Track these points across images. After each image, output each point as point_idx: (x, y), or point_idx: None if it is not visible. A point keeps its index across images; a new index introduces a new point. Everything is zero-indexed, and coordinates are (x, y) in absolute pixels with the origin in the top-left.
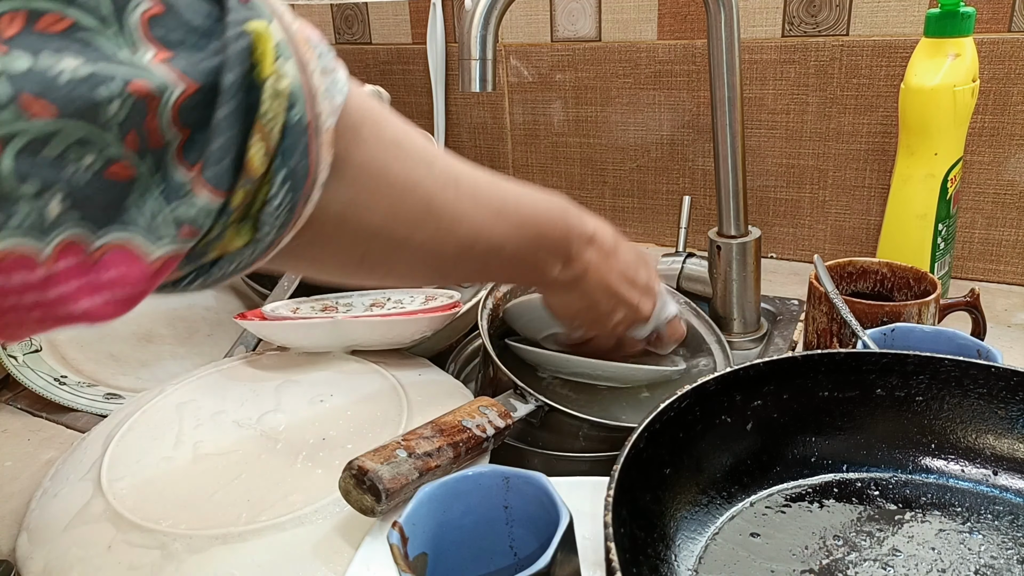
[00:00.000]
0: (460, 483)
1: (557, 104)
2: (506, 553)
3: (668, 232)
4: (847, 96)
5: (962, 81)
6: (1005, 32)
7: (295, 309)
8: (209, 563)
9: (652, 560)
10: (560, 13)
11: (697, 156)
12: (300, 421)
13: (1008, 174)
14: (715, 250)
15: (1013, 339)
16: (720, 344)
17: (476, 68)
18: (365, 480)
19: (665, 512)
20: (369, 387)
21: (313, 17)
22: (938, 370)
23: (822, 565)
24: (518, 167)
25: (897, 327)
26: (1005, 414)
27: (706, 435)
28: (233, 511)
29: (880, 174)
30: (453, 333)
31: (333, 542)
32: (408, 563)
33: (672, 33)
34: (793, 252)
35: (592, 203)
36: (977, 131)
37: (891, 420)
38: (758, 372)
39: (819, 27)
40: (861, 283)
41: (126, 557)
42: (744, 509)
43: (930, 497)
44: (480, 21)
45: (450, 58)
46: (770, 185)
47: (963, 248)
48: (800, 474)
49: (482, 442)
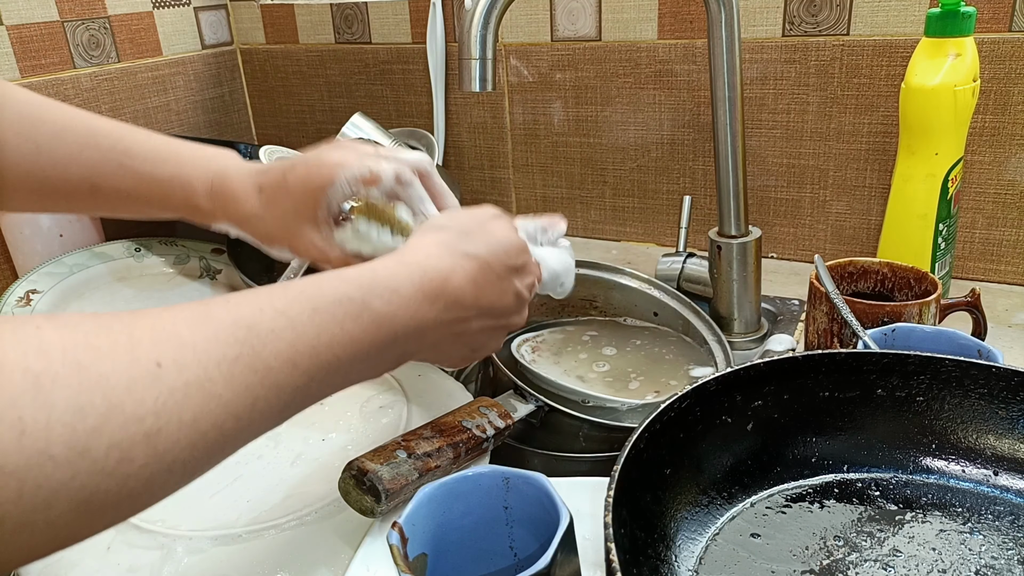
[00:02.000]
0: (460, 483)
1: (557, 104)
2: (506, 554)
3: (668, 232)
4: (847, 96)
5: (963, 81)
6: (1005, 32)
7: None
8: (209, 564)
9: (652, 560)
10: (560, 13)
11: (697, 156)
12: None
13: (1009, 174)
14: (715, 250)
15: (1014, 339)
16: (720, 344)
17: (476, 68)
18: (365, 481)
19: (665, 512)
20: (369, 387)
21: (313, 17)
22: (939, 370)
23: (822, 565)
24: (518, 167)
25: (898, 327)
26: (1006, 414)
27: (706, 435)
28: (233, 512)
29: (881, 174)
30: None
31: (333, 542)
32: (408, 563)
33: (672, 33)
34: (793, 252)
35: (592, 203)
36: (978, 131)
37: (892, 420)
38: (758, 372)
39: (819, 27)
40: (862, 283)
41: (125, 558)
42: (744, 509)
43: (931, 497)
44: (480, 21)
45: (450, 58)
46: (770, 185)
47: (964, 248)
48: (800, 474)
49: (482, 442)
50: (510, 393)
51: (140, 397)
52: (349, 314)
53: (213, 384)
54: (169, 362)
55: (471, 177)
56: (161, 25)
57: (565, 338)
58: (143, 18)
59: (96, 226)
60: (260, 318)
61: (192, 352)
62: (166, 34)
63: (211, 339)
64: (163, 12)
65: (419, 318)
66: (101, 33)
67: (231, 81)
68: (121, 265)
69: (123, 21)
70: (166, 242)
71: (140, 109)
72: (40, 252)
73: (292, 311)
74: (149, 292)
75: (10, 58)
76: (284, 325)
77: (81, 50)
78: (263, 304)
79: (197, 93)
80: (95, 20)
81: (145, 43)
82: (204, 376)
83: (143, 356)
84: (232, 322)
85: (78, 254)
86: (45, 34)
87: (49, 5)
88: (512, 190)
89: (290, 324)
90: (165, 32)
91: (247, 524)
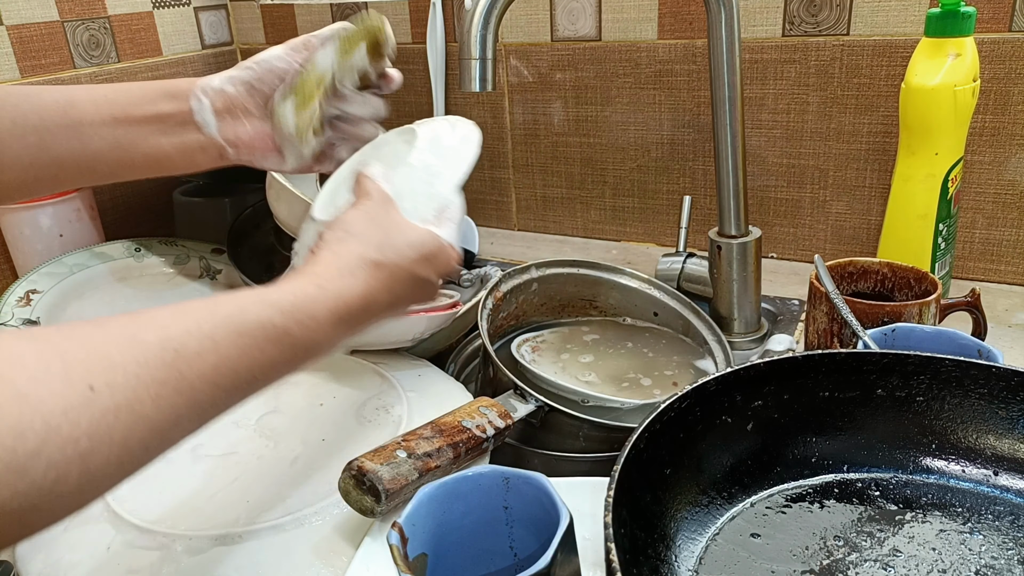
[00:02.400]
0: (460, 483)
1: (557, 104)
2: (506, 553)
3: (668, 232)
4: (847, 96)
5: (962, 81)
6: (1005, 32)
7: None
8: (209, 564)
9: (652, 560)
10: (560, 13)
11: (697, 156)
12: (299, 422)
13: (1009, 174)
14: (715, 250)
15: (1014, 339)
16: (720, 344)
17: (476, 68)
18: (365, 481)
19: (665, 512)
20: (369, 387)
21: (313, 17)
22: (939, 370)
23: (822, 565)
24: (518, 167)
25: (898, 327)
26: (1006, 414)
27: (706, 435)
28: (232, 512)
29: (881, 174)
30: (453, 333)
31: (333, 542)
32: (408, 563)
33: (672, 33)
34: (793, 252)
35: (592, 203)
36: (978, 131)
37: (892, 420)
38: (758, 372)
39: (819, 27)
40: (862, 283)
41: (125, 558)
42: (744, 509)
43: (931, 497)
44: (480, 21)
45: (450, 58)
46: (770, 185)
47: (964, 248)
48: (800, 474)
49: (482, 442)
50: (510, 393)
51: (75, 419)
52: (270, 339)
53: (142, 405)
54: (101, 385)
55: (471, 177)
56: (161, 25)
57: (565, 338)
58: (143, 18)
59: (96, 226)
60: (187, 341)
61: (123, 375)
62: (166, 34)
63: (140, 363)
64: (163, 12)
65: (334, 338)
66: (101, 33)
67: None
68: (121, 265)
69: (123, 21)
70: (166, 242)
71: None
72: (40, 252)
73: (218, 335)
74: (149, 292)
75: (10, 58)
76: (209, 348)
77: (81, 50)
78: (190, 327)
79: None
80: (95, 20)
81: (145, 43)
82: (134, 398)
83: (77, 380)
84: (160, 346)
85: (78, 254)
86: (45, 34)
87: (49, 5)
88: (512, 190)
89: (215, 347)
90: (165, 32)
91: (247, 524)
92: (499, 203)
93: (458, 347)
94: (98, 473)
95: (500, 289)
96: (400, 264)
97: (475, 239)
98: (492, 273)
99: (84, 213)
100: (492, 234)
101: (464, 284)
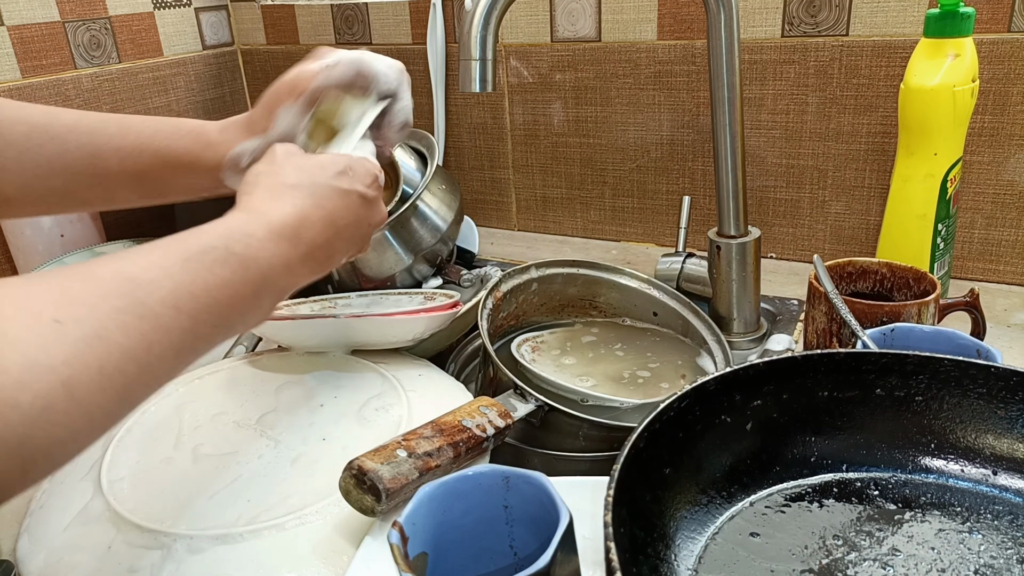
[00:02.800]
0: (460, 483)
1: (557, 104)
2: (506, 553)
3: (668, 232)
4: (847, 96)
5: (962, 81)
6: (1005, 32)
7: (295, 308)
8: (209, 563)
9: (652, 560)
10: (560, 13)
11: (697, 156)
12: (300, 421)
13: (1008, 174)
14: (715, 250)
15: (1012, 339)
16: (719, 344)
17: (476, 68)
18: (365, 480)
19: (665, 512)
20: (369, 387)
21: (313, 17)
22: (938, 370)
23: (822, 565)
24: (518, 167)
25: (897, 327)
26: (1005, 414)
27: (706, 435)
28: (233, 511)
29: (880, 174)
30: (453, 333)
31: (333, 542)
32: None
33: (672, 33)
34: (793, 252)
35: (592, 203)
36: (977, 131)
37: (891, 420)
38: (758, 372)
39: (819, 27)
40: (861, 283)
41: (126, 557)
42: (744, 509)
43: (930, 497)
44: (480, 21)
45: (450, 58)
46: (770, 185)
47: (963, 248)
48: (800, 474)
49: (482, 442)
50: (510, 393)
51: (50, 350)
52: (216, 260)
53: (109, 332)
54: (67, 318)
55: (471, 177)
56: (162, 26)
57: (565, 338)
58: (144, 19)
59: (97, 226)
60: (138, 271)
61: (85, 308)
62: (167, 35)
63: (99, 295)
64: (164, 13)
65: (280, 255)
66: (102, 33)
67: (232, 82)
68: None
69: (124, 22)
70: None
71: (141, 110)
72: (41, 252)
73: (166, 263)
74: None
75: (11, 59)
76: (161, 275)
77: (82, 50)
78: (138, 260)
79: (198, 94)
80: (96, 21)
81: (146, 44)
82: (100, 327)
83: (44, 315)
84: (114, 277)
85: (79, 254)
86: (46, 35)
87: (50, 6)
88: (512, 190)
89: (166, 274)
90: (166, 33)
91: (247, 524)
92: (499, 203)
93: (458, 347)
94: (84, 401)
95: (500, 289)
96: (316, 181)
97: (475, 239)
98: (492, 273)
99: (85, 214)
100: (492, 234)
101: (464, 284)
